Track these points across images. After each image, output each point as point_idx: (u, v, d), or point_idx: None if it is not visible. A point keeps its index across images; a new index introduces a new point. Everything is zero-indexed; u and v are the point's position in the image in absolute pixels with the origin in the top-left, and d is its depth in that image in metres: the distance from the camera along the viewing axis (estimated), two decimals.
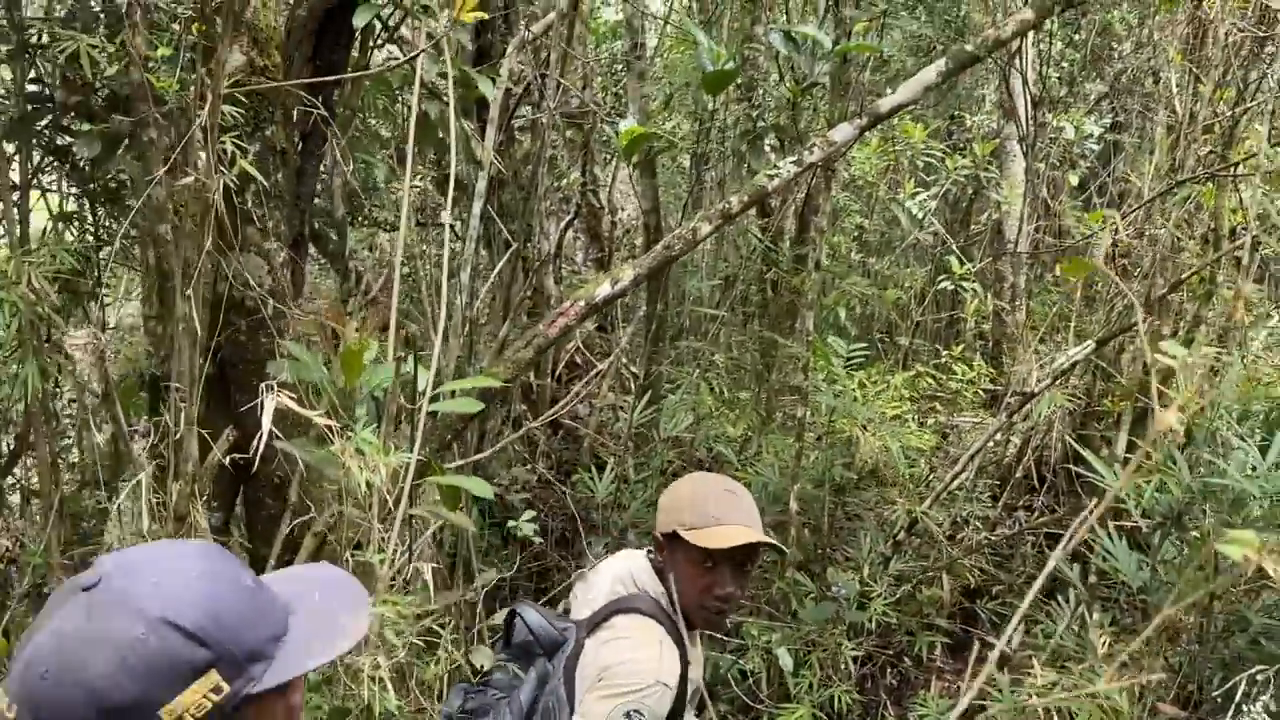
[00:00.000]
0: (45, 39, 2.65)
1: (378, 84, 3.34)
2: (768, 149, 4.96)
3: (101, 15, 2.38)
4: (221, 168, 2.19)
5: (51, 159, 2.85)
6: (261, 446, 1.72)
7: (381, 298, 5.31)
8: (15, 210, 2.73)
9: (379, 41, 2.89)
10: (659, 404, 4.58)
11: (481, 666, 2.25)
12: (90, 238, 2.96)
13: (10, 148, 2.75)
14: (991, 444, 4.87)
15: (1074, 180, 6.78)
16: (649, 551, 2.21)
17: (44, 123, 2.75)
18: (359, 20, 2.66)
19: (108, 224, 2.96)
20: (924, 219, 5.94)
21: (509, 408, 5.48)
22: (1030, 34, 6.15)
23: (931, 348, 6.40)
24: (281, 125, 2.50)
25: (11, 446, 3.40)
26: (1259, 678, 2.36)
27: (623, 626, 2.04)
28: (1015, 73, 5.73)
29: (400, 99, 4.17)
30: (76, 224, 3.01)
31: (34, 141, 2.78)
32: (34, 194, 2.96)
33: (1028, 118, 5.51)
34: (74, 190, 3.01)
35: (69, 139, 2.70)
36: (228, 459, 2.41)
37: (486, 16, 3.82)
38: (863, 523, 4.42)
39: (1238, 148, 4.12)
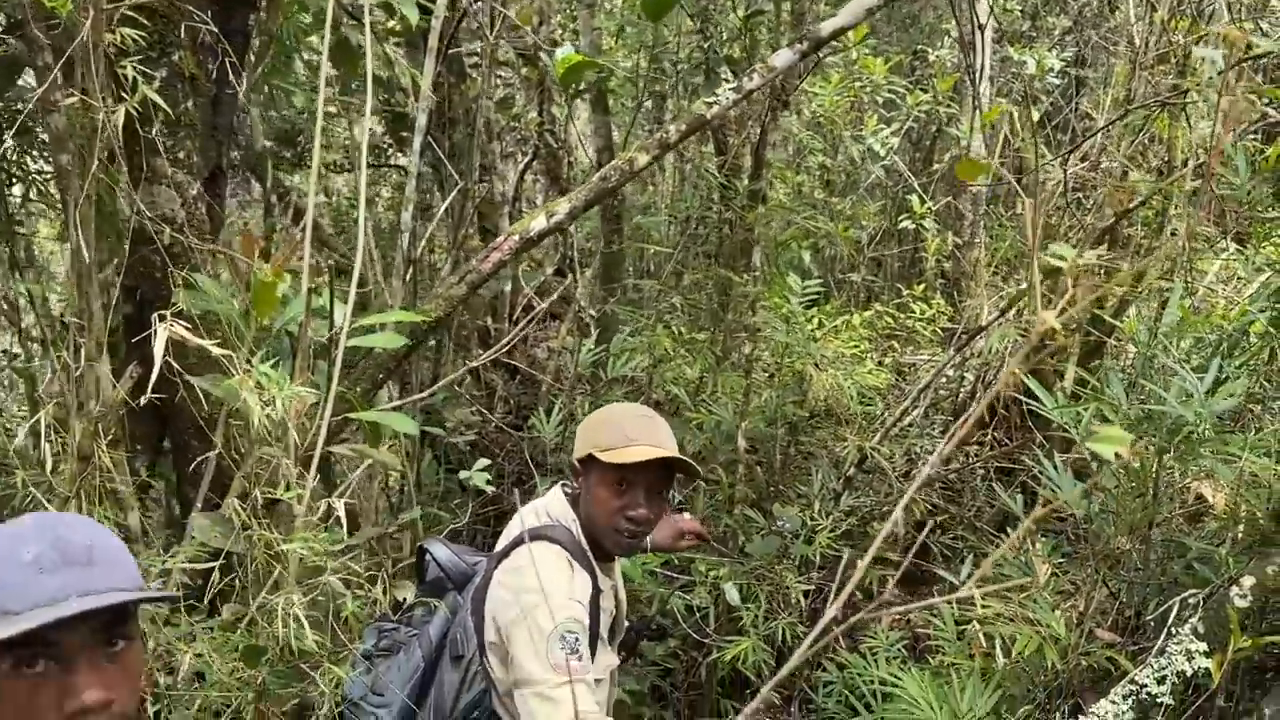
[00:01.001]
0: None
1: (301, 11, 3.21)
2: (724, 82, 4.85)
3: None
4: (123, 93, 2.09)
5: None
6: (154, 378, 1.65)
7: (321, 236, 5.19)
8: None
9: None
10: (610, 344, 4.53)
11: (404, 601, 2.22)
12: (2, 174, 2.84)
13: None
14: (945, 380, 4.86)
15: (1035, 116, 6.71)
16: (563, 484, 2.19)
17: None
18: None
19: (19, 159, 2.84)
20: (887, 155, 5.87)
21: (466, 352, 5.41)
22: None
23: (893, 286, 6.37)
24: (190, 50, 2.39)
25: None
26: (1191, 601, 2.37)
27: (526, 555, 2.02)
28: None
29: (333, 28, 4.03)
30: None
31: None
32: None
33: (981, 49, 5.41)
34: None
35: None
36: (144, 400, 2.33)
37: None
38: (816, 460, 4.41)
39: (1190, 77, 4.07)
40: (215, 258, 2.50)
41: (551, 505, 2.19)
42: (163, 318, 1.61)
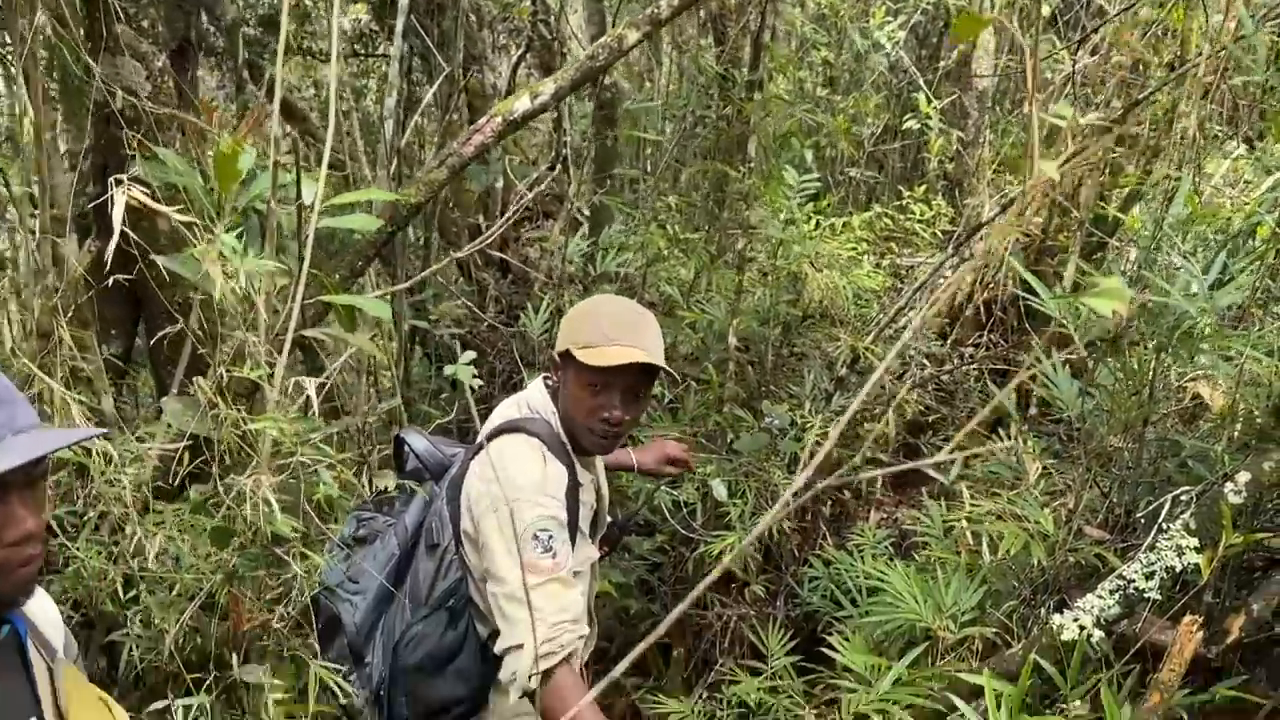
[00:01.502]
0: None
1: None
2: None
3: None
4: None
5: None
6: (113, 247, 1.57)
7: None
8: None
9: None
10: (599, 238, 4.43)
11: (385, 489, 2.18)
12: None
13: None
14: (943, 280, 4.78)
15: (1046, 10, 6.47)
16: (545, 376, 2.14)
17: None
18: None
19: None
20: (893, 50, 5.68)
21: (456, 249, 5.31)
22: None
23: (893, 188, 6.23)
24: None
25: None
26: (1183, 498, 2.33)
27: (503, 446, 1.98)
28: None
29: None
30: None
31: None
32: None
33: None
34: None
35: None
36: (112, 282, 2.26)
37: None
38: (808, 361, 4.36)
39: None
40: (184, 136, 2.39)
41: (532, 397, 2.14)
42: (119, 182, 1.51)
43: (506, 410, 2.16)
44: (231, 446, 1.84)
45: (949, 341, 4.77)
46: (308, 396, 1.87)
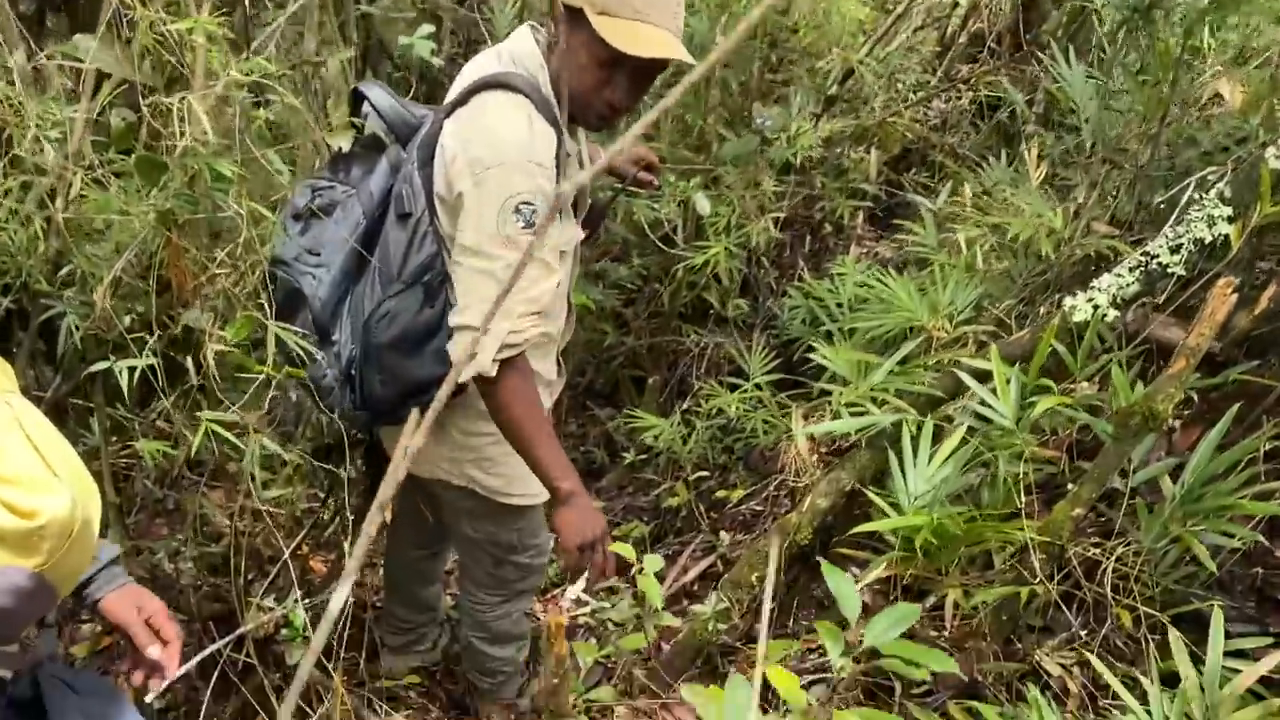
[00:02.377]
0: None
1: None
2: None
3: None
4: None
5: None
6: None
7: None
8: None
9: None
10: None
11: (340, 149, 1.94)
12: None
13: None
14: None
15: None
16: (533, 24, 1.85)
17: None
18: None
19: None
20: None
21: None
22: None
23: None
24: None
25: None
26: (1210, 178, 2.17)
27: (485, 104, 1.73)
28: None
29: None
30: None
31: None
32: None
33: None
34: None
35: None
36: None
37: None
38: (797, 83, 4.06)
39: None
40: None
41: (516, 48, 1.85)
42: None
43: (485, 63, 1.88)
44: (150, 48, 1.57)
45: (939, 74, 4.49)
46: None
